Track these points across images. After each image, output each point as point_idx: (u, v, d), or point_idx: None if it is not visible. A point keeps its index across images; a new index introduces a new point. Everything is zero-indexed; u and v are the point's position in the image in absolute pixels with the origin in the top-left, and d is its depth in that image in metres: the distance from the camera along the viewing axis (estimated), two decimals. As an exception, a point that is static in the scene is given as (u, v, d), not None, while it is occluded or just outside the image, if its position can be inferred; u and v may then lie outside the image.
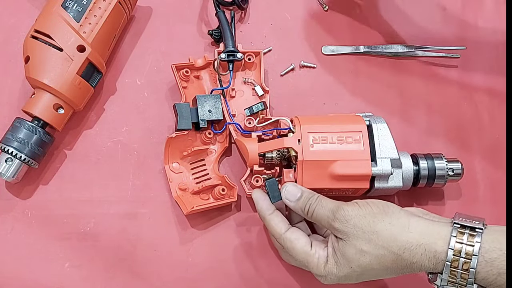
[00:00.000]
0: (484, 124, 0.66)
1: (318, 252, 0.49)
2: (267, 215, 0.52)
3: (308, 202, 0.50)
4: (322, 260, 0.49)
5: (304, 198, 0.51)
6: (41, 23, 0.59)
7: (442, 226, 0.45)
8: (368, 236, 0.46)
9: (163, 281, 0.58)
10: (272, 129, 0.60)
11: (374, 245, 0.45)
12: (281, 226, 0.51)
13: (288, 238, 0.51)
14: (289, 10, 0.70)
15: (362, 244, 0.46)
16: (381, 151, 0.56)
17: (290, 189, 0.52)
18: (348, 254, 0.47)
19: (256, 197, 0.53)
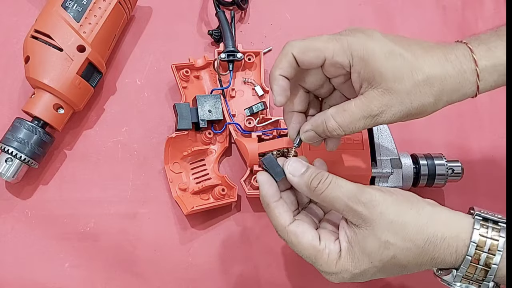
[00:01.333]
0: (484, 124, 0.66)
1: (328, 246, 0.42)
2: (271, 202, 0.44)
3: (316, 177, 0.43)
4: (334, 256, 0.42)
5: (310, 172, 0.43)
6: (41, 23, 0.59)
7: (464, 217, 0.42)
8: (395, 227, 0.40)
9: (163, 281, 0.58)
10: (272, 129, 0.60)
11: (401, 237, 0.40)
12: (286, 217, 0.44)
13: (292, 231, 0.43)
14: (289, 10, 0.70)
15: (388, 236, 0.40)
16: (381, 151, 0.56)
17: (294, 163, 0.45)
18: (369, 247, 0.41)
19: (261, 181, 0.45)
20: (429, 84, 0.42)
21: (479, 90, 0.44)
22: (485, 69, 0.43)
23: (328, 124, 0.44)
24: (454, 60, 0.43)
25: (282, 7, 0.70)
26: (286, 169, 0.45)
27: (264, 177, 0.45)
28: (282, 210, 0.44)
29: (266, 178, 0.45)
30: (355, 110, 0.43)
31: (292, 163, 0.45)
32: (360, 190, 0.41)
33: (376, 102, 0.42)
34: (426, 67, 0.42)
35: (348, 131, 0.44)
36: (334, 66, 0.44)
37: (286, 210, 0.44)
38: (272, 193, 0.44)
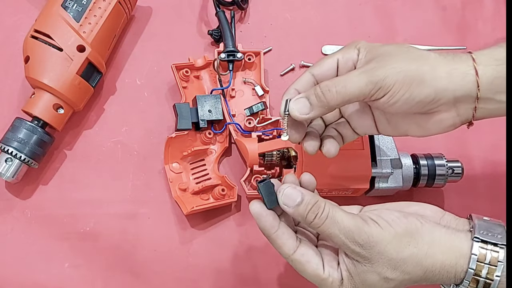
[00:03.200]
0: (484, 124, 0.66)
1: (332, 275, 0.43)
2: (271, 234, 0.44)
3: (312, 211, 0.42)
4: (337, 283, 0.43)
5: (305, 203, 0.42)
6: (41, 23, 0.59)
7: (462, 240, 0.41)
8: (394, 263, 0.41)
9: (163, 281, 0.58)
10: (272, 129, 0.60)
11: (400, 272, 0.41)
12: (289, 246, 0.43)
13: (297, 260, 0.43)
14: (289, 10, 0.70)
15: (387, 272, 0.41)
16: (381, 151, 0.56)
17: (288, 192, 0.43)
18: (370, 281, 0.42)
19: (256, 213, 0.44)
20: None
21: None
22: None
23: (321, 85, 0.43)
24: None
25: (282, 7, 0.70)
26: (280, 200, 0.43)
27: (258, 209, 0.44)
28: (283, 239, 0.44)
29: (260, 209, 0.44)
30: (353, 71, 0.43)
31: (287, 192, 0.43)
32: (358, 228, 0.41)
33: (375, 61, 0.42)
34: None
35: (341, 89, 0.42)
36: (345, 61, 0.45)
37: (288, 238, 0.44)
38: (270, 225, 0.44)
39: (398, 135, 0.47)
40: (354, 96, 0.42)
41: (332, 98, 0.42)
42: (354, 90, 0.42)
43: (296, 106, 0.44)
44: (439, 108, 0.43)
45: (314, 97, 0.43)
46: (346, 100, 0.42)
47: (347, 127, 0.49)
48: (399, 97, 0.42)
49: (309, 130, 0.48)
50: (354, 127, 0.49)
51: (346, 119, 0.49)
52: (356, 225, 0.41)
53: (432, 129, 0.45)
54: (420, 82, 0.41)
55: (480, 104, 0.43)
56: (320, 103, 0.43)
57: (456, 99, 0.43)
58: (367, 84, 0.41)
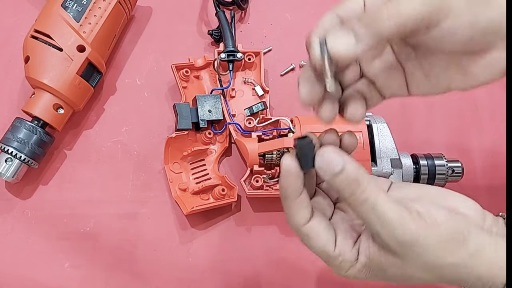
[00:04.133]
0: (484, 124, 0.66)
1: (343, 255, 0.38)
2: (290, 198, 0.38)
3: (349, 186, 0.35)
4: (347, 264, 0.38)
5: (344, 175, 0.35)
6: (41, 23, 0.59)
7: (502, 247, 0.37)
8: (430, 268, 0.36)
9: (163, 281, 0.58)
10: (272, 129, 0.60)
11: (431, 275, 0.37)
12: (301, 216, 0.38)
13: (306, 233, 0.38)
14: (289, 10, 0.70)
15: (417, 272, 0.36)
16: (381, 151, 0.56)
17: (329, 157, 0.35)
18: (392, 273, 0.37)
19: (287, 170, 0.37)
20: None
21: None
22: None
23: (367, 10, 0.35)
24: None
25: (282, 7, 0.70)
26: (317, 162, 0.36)
27: (291, 166, 0.37)
28: (299, 208, 0.38)
29: (293, 167, 0.37)
30: None
31: (327, 156, 0.36)
32: (401, 225, 0.35)
33: None
34: None
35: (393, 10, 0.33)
36: None
37: (304, 207, 0.38)
38: (294, 189, 0.38)
39: (434, 93, 0.39)
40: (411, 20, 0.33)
41: (384, 24, 0.33)
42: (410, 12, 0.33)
43: (338, 40, 0.33)
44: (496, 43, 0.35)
45: (361, 24, 0.33)
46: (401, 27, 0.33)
47: (371, 88, 0.40)
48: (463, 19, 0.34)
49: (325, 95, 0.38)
50: (380, 87, 0.40)
51: (370, 79, 0.40)
52: (401, 219, 0.35)
53: (481, 75, 0.37)
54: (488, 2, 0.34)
55: None
56: (370, 31, 0.33)
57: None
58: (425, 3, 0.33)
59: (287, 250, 0.60)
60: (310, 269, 0.59)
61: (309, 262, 0.59)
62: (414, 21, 0.33)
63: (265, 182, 0.58)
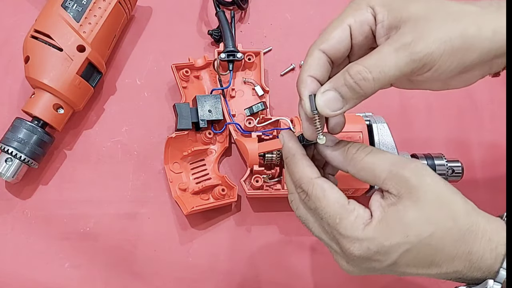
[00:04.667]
0: (484, 124, 0.66)
1: (357, 210, 0.37)
2: (297, 153, 0.39)
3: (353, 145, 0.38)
4: (362, 220, 0.37)
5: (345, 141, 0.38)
6: (41, 23, 0.59)
7: (501, 221, 0.38)
8: (442, 201, 0.36)
9: (163, 281, 0.58)
10: (272, 129, 0.60)
11: (446, 214, 0.36)
12: (312, 170, 0.39)
13: (319, 184, 0.38)
14: (289, 10, 0.70)
15: (433, 209, 0.36)
16: (381, 151, 0.56)
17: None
18: (408, 218, 0.36)
19: (287, 135, 0.41)
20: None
21: None
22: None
23: (351, 71, 0.36)
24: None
25: (282, 7, 0.70)
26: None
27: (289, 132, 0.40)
28: (309, 163, 0.39)
29: (290, 132, 0.40)
30: (383, 46, 0.36)
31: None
32: (407, 159, 0.37)
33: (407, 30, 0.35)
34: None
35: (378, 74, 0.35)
36: (359, 28, 0.38)
37: (313, 165, 0.39)
38: (297, 146, 0.40)
39: (416, 89, 0.42)
40: (394, 79, 0.36)
41: (369, 87, 0.36)
42: (394, 73, 0.35)
43: (326, 103, 0.37)
44: (474, 68, 0.38)
45: (346, 88, 0.36)
46: (385, 85, 0.36)
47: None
48: (445, 68, 0.36)
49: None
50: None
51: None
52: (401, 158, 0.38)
53: (458, 85, 0.41)
54: (468, 48, 0.36)
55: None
56: (355, 95, 0.36)
57: (494, 56, 0.37)
58: (409, 64, 0.35)
59: (287, 250, 0.60)
60: (310, 269, 0.59)
61: (309, 262, 0.59)
62: (397, 79, 0.36)
63: (265, 182, 0.58)
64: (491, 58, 0.38)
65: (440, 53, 0.35)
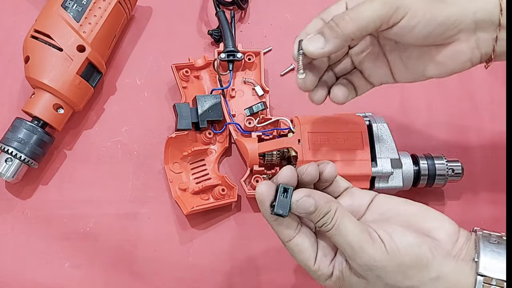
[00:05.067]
0: (484, 124, 0.66)
1: (321, 269, 0.41)
2: (271, 220, 0.42)
3: (322, 219, 0.40)
4: (324, 276, 0.42)
5: (317, 213, 0.40)
6: (41, 23, 0.59)
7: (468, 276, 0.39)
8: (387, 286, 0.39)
9: (163, 281, 0.58)
10: (272, 129, 0.60)
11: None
12: (287, 234, 0.42)
13: (291, 248, 0.42)
14: (289, 10, 0.70)
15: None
16: (381, 151, 0.56)
17: (302, 203, 0.40)
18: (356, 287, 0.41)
19: (261, 196, 0.41)
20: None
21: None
22: None
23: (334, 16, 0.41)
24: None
25: (282, 7, 0.70)
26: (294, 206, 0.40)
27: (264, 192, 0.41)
28: (282, 227, 0.42)
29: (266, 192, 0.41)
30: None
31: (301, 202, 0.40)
32: (361, 248, 0.38)
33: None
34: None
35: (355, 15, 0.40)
36: None
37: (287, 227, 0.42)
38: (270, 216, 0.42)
39: (415, 80, 0.46)
40: (370, 21, 0.40)
41: (346, 26, 0.40)
42: (370, 14, 0.39)
43: (310, 42, 0.42)
44: (458, 36, 0.41)
45: (327, 29, 0.41)
46: (362, 27, 0.40)
47: (359, 77, 0.48)
48: (420, 18, 0.40)
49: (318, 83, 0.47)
50: (368, 76, 0.47)
51: (359, 69, 0.48)
52: (360, 243, 0.39)
53: (450, 65, 0.43)
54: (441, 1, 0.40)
55: (501, 33, 0.41)
56: (335, 34, 0.41)
57: (476, 24, 0.40)
58: (384, 5, 0.39)
59: (287, 250, 0.60)
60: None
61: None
62: (373, 21, 0.40)
63: (265, 182, 0.58)
64: (473, 27, 0.41)
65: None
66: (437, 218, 0.42)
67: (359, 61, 0.48)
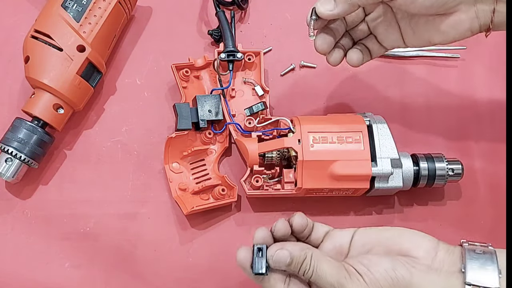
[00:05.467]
0: (484, 124, 0.66)
1: None
2: (257, 281, 0.45)
3: (301, 267, 0.42)
4: None
5: (294, 263, 0.42)
6: (41, 23, 0.59)
7: (456, 287, 0.41)
8: None
9: (163, 281, 0.58)
10: (272, 129, 0.60)
11: None
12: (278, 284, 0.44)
13: None
14: (289, 10, 0.70)
15: None
16: (381, 151, 0.56)
17: (277, 257, 0.43)
18: None
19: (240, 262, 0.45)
20: None
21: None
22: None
23: None
24: None
25: (282, 7, 0.70)
26: (271, 263, 0.43)
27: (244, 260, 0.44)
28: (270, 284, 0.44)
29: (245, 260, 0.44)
30: None
31: (275, 257, 0.43)
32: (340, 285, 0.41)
33: None
34: None
35: None
36: None
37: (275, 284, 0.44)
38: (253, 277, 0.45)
39: (424, 45, 0.51)
40: None
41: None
42: None
43: (322, 4, 0.48)
44: (459, 7, 0.46)
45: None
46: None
47: (374, 41, 0.53)
48: None
49: (335, 46, 0.53)
50: (381, 40, 0.53)
51: (374, 34, 0.53)
52: (339, 281, 0.41)
53: (451, 33, 0.48)
54: None
55: (499, 6, 0.45)
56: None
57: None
58: None
59: (287, 250, 0.60)
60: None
61: None
62: None
63: (265, 182, 0.58)
64: (473, 1, 0.45)
65: None
66: (412, 237, 0.44)
67: (373, 26, 0.53)
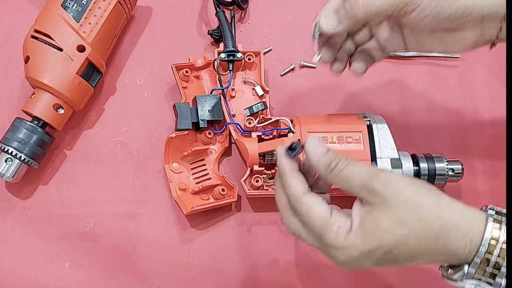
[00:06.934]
0: (484, 124, 0.66)
1: (339, 221, 0.41)
2: (287, 170, 0.43)
3: (335, 159, 0.42)
4: (343, 229, 0.41)
5: (331, 153, 0.42)
6: (41, 23, 0.59)
7: (480, 212, 0.41)
8: (411, 206, 0.39)
9: (163, 281, 0.58)
10: (272, 129, 0.60)
11: (416, 218, 0.39)
12: (301, 187, 0.43)
13: (305, 202, 0.42)
14: (289, 10, 0.70)
15: (403, 213, 0.39)
16: (381, 151, 0.56)
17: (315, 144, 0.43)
18: (383, 224, 0.39)
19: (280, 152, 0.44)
20: None
21: None
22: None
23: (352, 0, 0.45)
24: None
25: (282, 7, 0.70)
26: (307, 148, 0.43)
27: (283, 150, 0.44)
28: (299, 180, 0.43)
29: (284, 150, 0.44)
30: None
31: (314, 143, 0.43)
32: (378, 170, 0.41)
33: None
34: None
35: (369, 4, 0.44)
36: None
37: (303, 181, 0.43)
38: (289, 162, 0.44)
39: (423, 51, 0.53)
40: (380, 10, 0.44)
41: (358, 11, 0.45)
42: (380, 3, 0.44)
43: (325, 20, 0.47)
44: (466, 26, 0.45)
45: (342, 10, 0.46)
46: (372, 14, 0.45)
47: (375, 47, 0.53)
48: (429, 12, 0.44)
49: (338, 54, 0.52)
50: (383, 46, 0.52)
51: (376, 39, 0.52)
52: (376, 169, 0.42)
53: (455, 46, 0.48)
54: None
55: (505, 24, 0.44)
56: (348, 16, 0.46)
57: (483, 16, 0.44)
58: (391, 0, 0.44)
59: (287, 250, 0.60)
60: (310, 269, 0.59)
61: (309, 262, 0.59)
62: (384, 11, 0.44)
63: (265, 182, 0.58)
64: (480, 19, 0.44)
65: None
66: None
67: (377, 31, 0.52)
